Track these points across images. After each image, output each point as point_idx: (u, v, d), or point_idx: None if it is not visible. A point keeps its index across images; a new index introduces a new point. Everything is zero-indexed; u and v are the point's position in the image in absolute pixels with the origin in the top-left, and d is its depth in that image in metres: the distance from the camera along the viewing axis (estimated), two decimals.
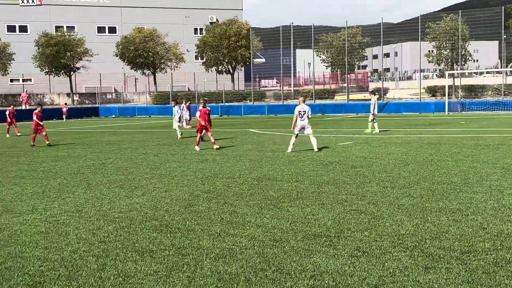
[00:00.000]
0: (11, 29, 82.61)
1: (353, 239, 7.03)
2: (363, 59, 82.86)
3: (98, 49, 74.25)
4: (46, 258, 6.45)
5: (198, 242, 7.04)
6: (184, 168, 14.31)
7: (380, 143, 19.91)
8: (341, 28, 69.30)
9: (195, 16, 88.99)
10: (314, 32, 61.07)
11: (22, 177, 13.28)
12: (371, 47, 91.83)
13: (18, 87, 74.63)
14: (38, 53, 69.04)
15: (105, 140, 24.55)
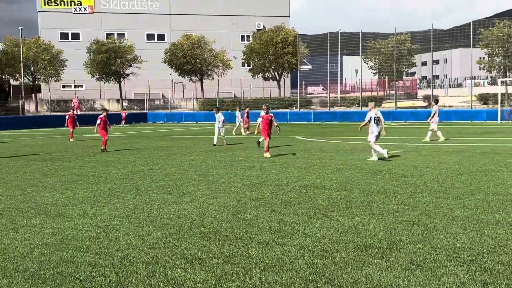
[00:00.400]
0: (64, 37, 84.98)
1: (406, 252, 6.82)
2: (412, 66, 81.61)
3: (147, 56, 75.58)
4: (96, 264, 6.50)
5: (247, 251, 6.96)
6: (231, 175, 14.30)
7: (430, 151, 19.46)
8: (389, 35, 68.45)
9: (242, 23, 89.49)
10: (362, 39, 60.43)
11: (73, 181, 13.53)
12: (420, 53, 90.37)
13: (70, 93, 76.63)
14: (89, 59, 70.75)
15: (153, 146, 24.85)
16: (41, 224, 8.66)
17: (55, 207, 10.06)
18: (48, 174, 15.04)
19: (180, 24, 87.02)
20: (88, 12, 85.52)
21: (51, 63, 69.01)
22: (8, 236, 7.89)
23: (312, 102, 67.91)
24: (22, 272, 6.22)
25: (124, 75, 72.28)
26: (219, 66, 73.67)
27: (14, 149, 24.66)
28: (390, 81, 74.67)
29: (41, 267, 6.39)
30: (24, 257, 6.79)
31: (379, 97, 69.24)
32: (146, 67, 74.41)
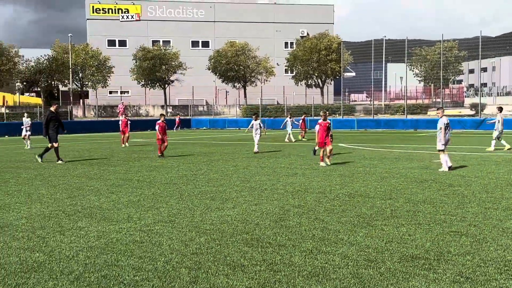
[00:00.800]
0: (111, 44, 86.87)
1: (455, 263, 6.61)
2: (459, 74, 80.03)
3: (191, 62, 76.50)
4: (140, 268, 6.53)
5: (290, 259, 6.88)
6: (274, 181, 14.24)
7: (478, 161, 18.95)
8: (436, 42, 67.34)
9: (286, 30, 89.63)
10: (407, 46, 59.60)
11: (118, 185, 13.73)
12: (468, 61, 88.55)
13: (116, 99, 78.18)
14: (135, 66, 72.05)
15: (196, 152, 25.03)
16: (86, 227, 8.79)
17: (101, 211, 10.21)
18: (94, 178, 15.32)
19: (224, 31, 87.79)
20: (135, 19, 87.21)
21: (98, 69, 70.60)
22: (55, 238, 8.03)
23: (356, 110, 67.33)
24: (67, 274, 6.31)
25: (168, 82, 73.29)
26: (262, 73, 73.90)
27: (61, 153, 25.21)
28: (436, 89, 73.36)
29: (86, 270, 6.47)
30: (69, 260, 6.88)
31: (425, 104, 68.11)
32: (190, 73, 75.31)
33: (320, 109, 64.90)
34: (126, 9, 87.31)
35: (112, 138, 40.08)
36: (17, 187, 13.69)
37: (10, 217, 9.72)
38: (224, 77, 74.08)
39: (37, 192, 12.69)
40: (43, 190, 13.09)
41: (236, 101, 73.75)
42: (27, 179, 15.26)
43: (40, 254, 7.16)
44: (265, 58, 74.01)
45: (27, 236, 8.17)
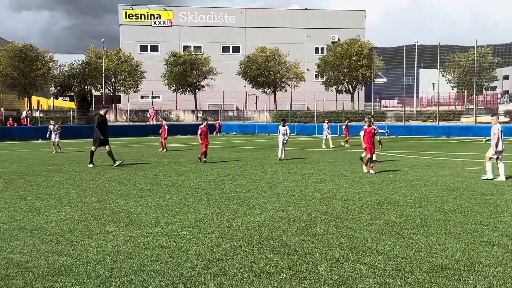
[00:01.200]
0: (143, 49, 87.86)
1: (486, 275, 6.45)
2: (493, 80, 78.61)
3: (222, 68, 76.84)
4: (166, 273, 6.53)
5: (316, 267, 6.80)
6: (302, 187, 14.16)
7: (511, 169, 18.53)
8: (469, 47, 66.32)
9: (316, 35, 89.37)
10: (440, 52, 58.81)
11: (147, 190, 13.82)
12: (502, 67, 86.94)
13: (147, 104, 78.98)
14: (166, 71, 72.68)
15: (225, 157, 25.07)
16: (114, 231, 8.85)
17: (129, 215, 10.27)
18: (123, 182, 15.45)
19: (255, 36, 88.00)
20: (167, 25, 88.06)
21: (130, 74, 71.44)
22: (83, 242, 8.10)
23: (387, 116, 66.64)
24: (94, 278, 6.35)
25: (199, 87, 73.72)
26: (292, 78, 73.77)
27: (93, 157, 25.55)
28: (469, 95, 72.21)
29: (112, 274, 6.50)
30: (96, 264, 6.93)
31: (457, 111, 67.06)
32: (220, 78, 75.65)
33: (350, 115, 64.49)
34: (158, 15, 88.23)
35: (142, 143, 40.48)
36: (48, 190, 13.90)
37: (41, 220, 9.86)
38: (254, 83, 74.16)
39: (68, 196, 12.85)
40: (74, 193, 13.26)
41: (266, 106, 73.73)
42: (59, 183, 15.48)
43: (68, 257, 7.23)
44: (296, 64, 73.86)
45: (56, 240, 8.26)
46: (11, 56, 61.54)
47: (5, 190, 13.89)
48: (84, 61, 70.21)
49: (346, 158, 23.87)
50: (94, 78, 69.27)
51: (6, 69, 61.86)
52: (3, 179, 16.58)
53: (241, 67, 74.22)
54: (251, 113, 76.84)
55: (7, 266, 6.83)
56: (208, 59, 73.33)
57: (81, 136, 50.34)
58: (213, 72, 73.07)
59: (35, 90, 66.13)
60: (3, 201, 12.05)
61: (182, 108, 78.69)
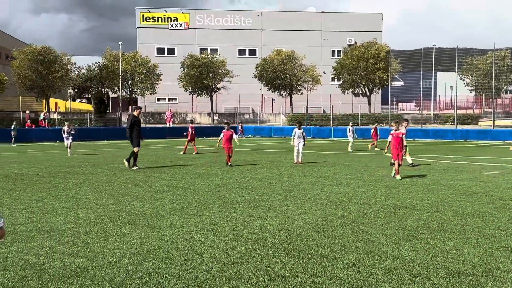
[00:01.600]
0: (160, 52, 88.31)
1: (504, 280, 6.36)
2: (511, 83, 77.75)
3: (238, 70, 76.95)
4: (181, 276, 6.53)
5: (332, 271, 6.76)
6: (317, 191, 14.10)
7: None
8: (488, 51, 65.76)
9: (333, 38, 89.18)
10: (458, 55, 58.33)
11: (163, 192, 13.86)
12: None
13: (164, 106, 79.35)
14: (183, 74, 72.96)
15: (241, 159, 25.06)
16: (130, 233, 8.88)
17: (144, 217, 10.30)
18: (139, 184, 15.52)
19: (271, 39, 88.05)
20: (184, 28, 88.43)
21: (147, 77, 71.81)
22: (99, 244, 8.14)
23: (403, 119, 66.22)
24: (109, 280, 6.36)
25: (215, 89, 73.89)
26: (308, 81, 73.65)
27: (110, 159, 25.74)
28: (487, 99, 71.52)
29: (127, 276, 6.51)
30: (112, 266, 6.95)
31: (475, 115, 66.48)
32: (236, 81, 75.78)
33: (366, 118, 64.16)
34: (175, 18, 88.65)
35: (159, 145, 40.65)
36: (65, 192, 14.00)
37: (57, 221, 9.92)
38: (270, 85, 74.16)
39: (84, 197, 12.93)
40: (90, 195, 13.34)
41: (282, 109, 73.72)
42: (75, 184, 15.59)
43: (84, 259, 7.26)
44: (312, 67, 73.74)
45: (72, 241, 8.31)
46: (29, 59, 62.21)
47: (22, 192, 14.02)
48: (102, 63, 70.74)
49: (363, 162, 23.75)
50: (111, 80, 69.75)
51: (25, 71, 62.54)
52: (21, 180, 16.74)
53: (257, 70, 74.27)
54: (267, 115, 76.83)
55: (24, 267, 6.88)
56: (225, 62, 73.48)
57: (98, 138, 50.72)
58: (229, 75, 73.20)
59: (53, 92, 66.76)
60: (20, 203, 12.16)
61: (198, 110, 78.92)
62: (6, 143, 42.71)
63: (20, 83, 63.68)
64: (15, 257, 7.35)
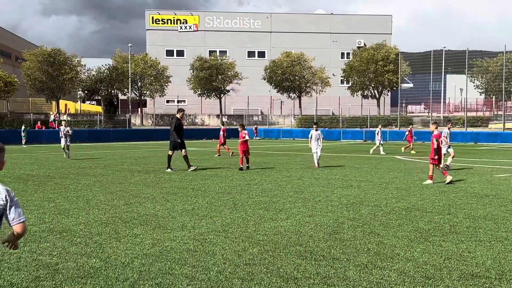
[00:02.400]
0: (169, 53, 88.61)
1: None
2: None
3: (247, 72, 77.05)
4: (193, 277, 6.54)
5: (344, 273, 6.75)
6: (328, 193, 14.08)
7: None
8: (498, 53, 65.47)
9: (342, 40, 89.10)
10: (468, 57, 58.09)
11: (173, 193, 13.89)
12: None
13: (173, 108, 79.51)
14: (192, 76, 73.12)
15: (251, 161, 25.04)
16: (142, 234, 8.90)
17: (156, 218, 10.33)
18: (150, 186, 15.56)
19: (280, 41, 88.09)
20: (193, 30, 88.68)
21: (156, 78, 72.07)
22: (111, 245, 8.16)
23: (413, 121, 66.03)
24: (122, 281, 6.39)
25: (224, 91, 73.99)
26: (317, 83, 73.60)
27: (120, 160, 25.83)
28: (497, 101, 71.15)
29: (140, 277, 6.54)
30: (125, 267, 6.98)
31: (486, 117, 66.16)
32: (245, 83, 75.89)
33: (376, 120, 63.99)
34: (185, 20, 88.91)
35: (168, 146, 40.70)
36: (76, 193, 14.06)
37: (69, 222, 9.97)
38: (279, 87, 74.20)
39: (96, 199, 12.99)
40: (101, 196, 13.39)
41: (291, 111, 73.72)
42: (86, 186, 15.66)
43: (97, 260, 7.29)
44: (321, 69, 73.70)
45: (84, 242, 8.34)
46: (39, 60, 62.62)
47: (34, 193, 14.10)
48: (111, 65, 71.06)
49: (373, 164, 23.70)
50: (121, 82, 70.06)
51: (35, 73, 62.95)
52: (32, 181, 16.84)
53: (266, 72, 74.32)
54: (276, 118, 76.84)
55: (37, 268, 6.92)
56: (234, 64, 73.60)
57: (107, 139, 50.93)
58: (238, 77, 73.31)
59: (63, 94, 67.14)
60: (32, 204, 12.23)
61: (207, 112, 79.06)
62: (17, 144, 42.98)
63: (30, 84, 64.09)
64: (29, 258, 7.40)
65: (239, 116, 75.02)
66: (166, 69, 73.42)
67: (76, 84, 68.98)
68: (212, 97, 74.39)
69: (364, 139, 55.28)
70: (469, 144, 46.90)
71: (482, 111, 76.60)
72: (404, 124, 62.56)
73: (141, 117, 73.41)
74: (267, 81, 74.87)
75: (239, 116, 74.78)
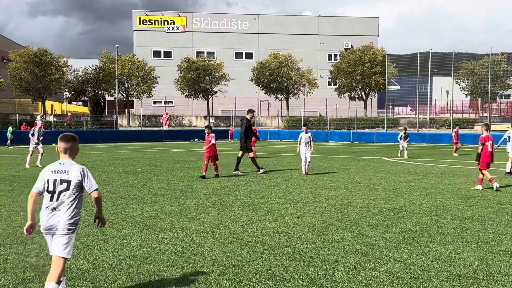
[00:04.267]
0: (156, 54, 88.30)
1: (505, 284, 6.37)
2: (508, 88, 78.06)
3: (234, 74, 77.01)
4: (182, 279, 6.52)
5: (333, 274, 6.76)
6: (316, 194, 14.10)
7: None
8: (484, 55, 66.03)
9: (329, 42, 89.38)
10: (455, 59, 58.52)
11: (161, 195, 13.84)
12: None
13: (160, 109, 79.30)
14: (180, 77, 72.92)
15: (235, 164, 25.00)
16: (130, 236, 8.86)
17: (144, 220, 10.28)
18: (137, 187, 15.49)
19: (268, 43, 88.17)
20: (180, 31, 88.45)
21: (143, 80, 71.76)
22: (99, 246, 8.11)
23: (400, 123, 66.38)
24: (110, 283, 6.35)
25: (212, 92, 73.87)
26: (305, 85, 73.73)
27: (107, 161, 25.68)
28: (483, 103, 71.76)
29: (129, 279, 6.50)
30: (113, 268, 6.93)
31: (471, 119, 66.67)
32: (233, 84, 75.83)
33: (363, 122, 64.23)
34: (172, 21, 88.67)
35: (155, 148, 40.58)
36: None
37: None
38: (267, 89, 74.21)
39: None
40: (88, 198, 13.27)
41: (278, 112, 73.75)
42: None
43: (84, 261, 7.24)
44: (308, 70, 73.84)
45: None
46: (25, 61, 62.10)
47: (20, 194, 13.98)
48: (98, 66, 70.66)
49: (360, 166, 23.79)
50: (108, 83, 69.68)
51: (21, 73, 62.41)
52: (18, 183, 16.69)
53: (254, 73, 74.31)
54: (263, 119, 76.86)
55: (24, 269, 6.86)
56: (221, 65, 73.51)
57: (94, 140, 50.64)
58: (226, 78, 73.23)
59: (49, 94, 66.63)
60: (18, 205, 12.13)
61: (194, 113, 78.90)
62: (2, 145, 42.62)
63: (16, 85, 63.54)
64: (15, 259, 7.33)
65: (226, 118, 74.95)
66: (153, 70, 73.16)
67: (62, 85, 68.50)
68: (200, 98, 74.24)
69: (352, 140, 55.48)
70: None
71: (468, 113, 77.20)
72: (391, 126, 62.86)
73: (128, 118, 73.09)
74: (255, 82, 74.86)
75: (227, 118, 74.70)
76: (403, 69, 72.23)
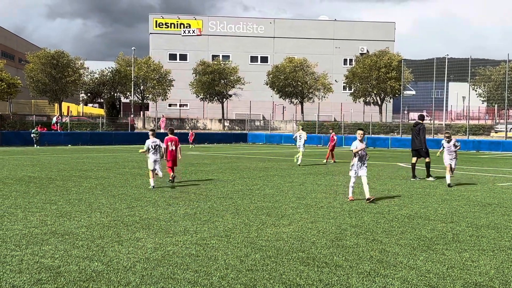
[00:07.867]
0: (172, 57, 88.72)
1: None
2: None
3: (250, 77, 77.11)
4: (196, 282, 6.52)
5: (347, 280, 6.72)
6: (330, 199, 14.05)
7: None
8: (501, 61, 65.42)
9: (345, 46, 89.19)
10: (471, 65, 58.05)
11: (175, 198, 13.87)
12: None
13: (175, 112, 79.60)
14: (195, 80, 73.18)
15: (252, 167, 25.04)
16: (144, 238, 8.88)
17: (158, 222, 10.31)
18: (152, 189, 15.53)
19: (283, 47, 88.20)
20: (196, 34, 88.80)
21: (159, 82, 72.11)
22: (113, 248, 8.14)
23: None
24: (124, 285, 6.36)
25: (227, 96, 74.01)
26: (320, 89, 73.60)
27: (122, 163, 25.80)
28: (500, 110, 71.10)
29: (142, 281, 6.51)
30: (127, 271, 6.95)
31: (488, 126, 66.08)
32: (248, 88, 75.95)
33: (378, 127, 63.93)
34: (188, 24, 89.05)
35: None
36: (78, 195, 14.05)
37: (71, 225, 9.95)
38: (281, 93, 74.20)
39: (97, 202, 12.97)
40: (103, 199, 13.37)
41: (293, 116, 73.67)
42: (88, 188, 15.64)
43: (99, 263, 7.27)
44: (324, 75, 73.73)
45: (86, 245, 8.32)
46: (43, 62, 62.64)
47: (36, 195, 14.09)
48: (114, 68, 71.12)
49: (374, 171, 23.66)
50: (124, 85, 70.11)
51: (38, 75, 62.97)
52: (34, 183, 16.83)
53: (269, 77, 74.35)
54: (277, 123, 76.83)
55: (39, 271, 6.90)
56: (236, 69, 73.65)
57: (109, 142, 50.94)
58: (241, 82, 73.35)
59: (66, 96, 67.14)
60: (34, 206, 12.22)
61: (209, 116, 79.10)
62: (19, 146, 43.08)
63: (33, 86, 64.10)
64: (31, 260, 7.38)
65: (241, 121, 75.02)
66: (168, 73, 73.50)
67: (78, 87, 69.01)
68: (214, 101, 74.41)
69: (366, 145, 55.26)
70: (471, 152, 46.80)
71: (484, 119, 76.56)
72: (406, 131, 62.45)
73: (143, 120, 73.44)
74: (270, 86, 74.88)
75: (241, 121, 74.78)
76: (418, 74, 71.79)
